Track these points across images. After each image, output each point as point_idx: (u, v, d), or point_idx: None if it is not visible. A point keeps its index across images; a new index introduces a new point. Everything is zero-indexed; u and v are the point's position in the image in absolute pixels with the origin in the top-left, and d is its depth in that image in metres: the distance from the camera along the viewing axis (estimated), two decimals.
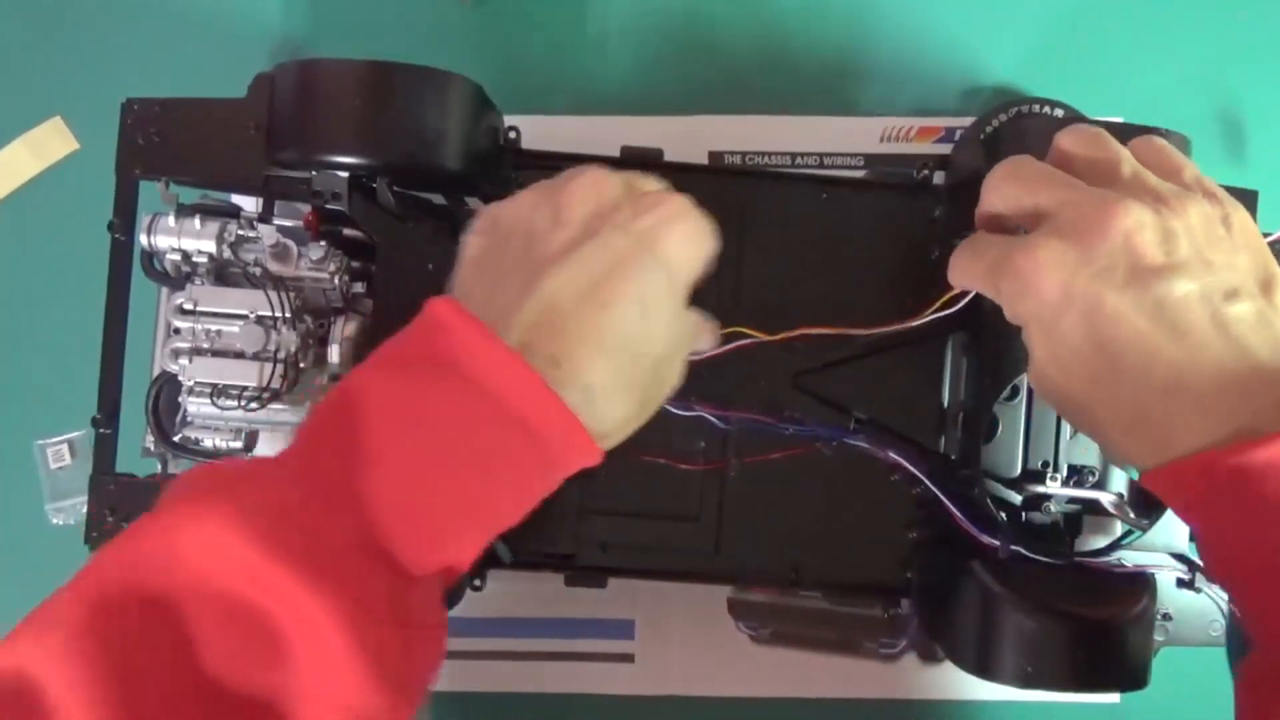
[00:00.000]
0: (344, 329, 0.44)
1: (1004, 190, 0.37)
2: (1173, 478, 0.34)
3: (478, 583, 0.46)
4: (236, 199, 0.48)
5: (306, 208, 0.44)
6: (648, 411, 0.36)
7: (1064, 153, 0.37)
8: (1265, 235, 0.37)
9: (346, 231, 0.45)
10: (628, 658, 0.53)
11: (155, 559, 0.29)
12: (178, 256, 0.43)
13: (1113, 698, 0.51)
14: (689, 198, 0.36)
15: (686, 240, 0.35)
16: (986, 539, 0.43)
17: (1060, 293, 0.33)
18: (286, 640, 0.29)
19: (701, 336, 0.40)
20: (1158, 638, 0.46)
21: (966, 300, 0.41)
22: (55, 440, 0.54)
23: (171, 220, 0.43)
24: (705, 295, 0.46)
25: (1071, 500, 0.45)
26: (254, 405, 0.42)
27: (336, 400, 0.33)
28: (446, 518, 0.32)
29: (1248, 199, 0.44)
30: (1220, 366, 0.32)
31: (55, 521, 0.53)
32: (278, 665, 0.29)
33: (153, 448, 0.45)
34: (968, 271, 0.38)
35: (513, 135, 0.47)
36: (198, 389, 0.42)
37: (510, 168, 0.47)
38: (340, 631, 0.29)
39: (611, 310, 0.33)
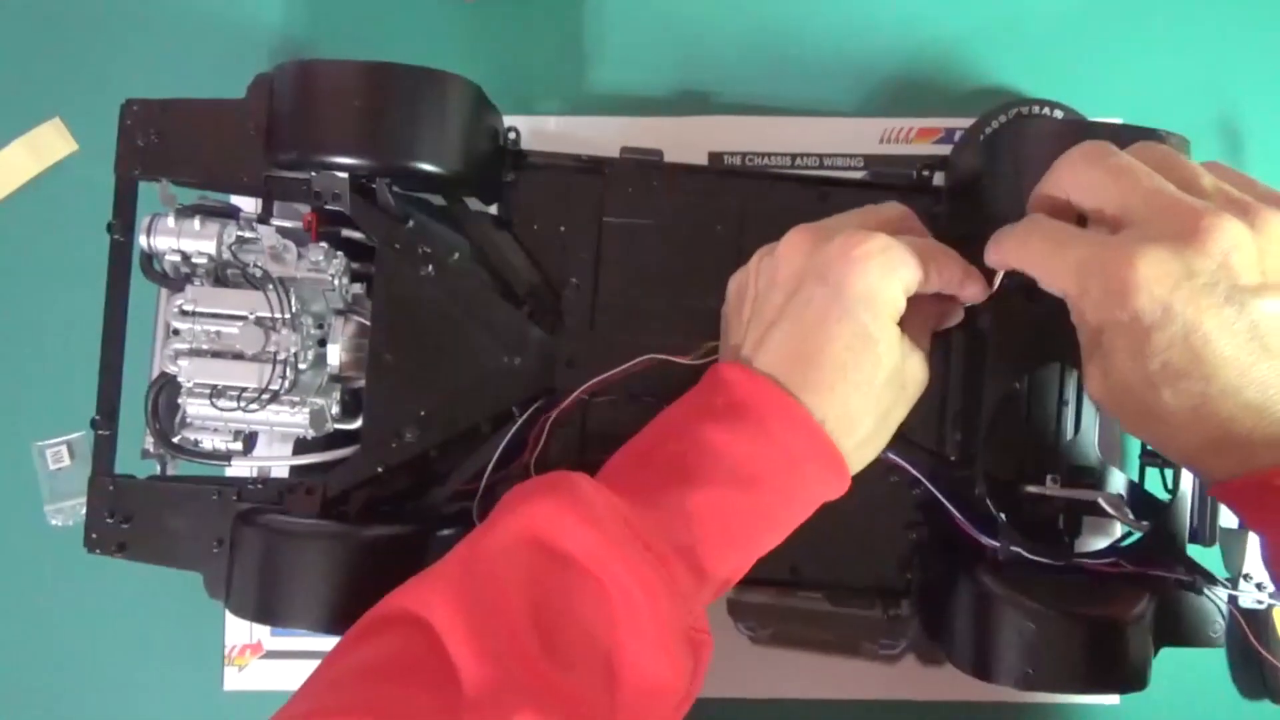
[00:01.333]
0: (344, 330, 0.44)
1: (1085, 176, 0.36)
2: (1249, 491, 0.34)
3: None
4: (236, 200, 0.48)
5: (306, 209, 0.44)
6: (892, 423, 0.40)
7: (1145, 157, 0.36)
8: None
9: (346, 232, 0.45)
10: None
11: (512, 531, 0.36)
12: (177, 257, 0.43)
13: (1112, 699, 0.51)
14: (882, 236, 0.38)
15: (879, 273, 0.37)
16: (986, 540, 0.43)
17: (1159, 307, 0.33)
18: (614, 611, 0.35)
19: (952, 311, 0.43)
20: None
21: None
22: (54, 441, 0.54)
23: (171, 221, 0.43)
24: (706, 296, 0.47)
25: (1071, 501, 0.45)
26: (253, 406, 0.42)
27: (654, 433, 0.40)
28: (740, 531, 0.38)
29: None
30: None
31: (54, 523, 0.53)
32: (608, 631, 0.35)
33: (152, 449, 0.45)
34: (1046, 262, 0.36)
35: (512, 136, 0.47)
36: (197, 390, 0.42)
37: (510, 168, 0.47)
38: (656, 613, 0.35)
39: (824, 353, 0.37)
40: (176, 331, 0.43)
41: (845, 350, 0.37)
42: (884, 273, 0.38)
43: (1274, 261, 0.33)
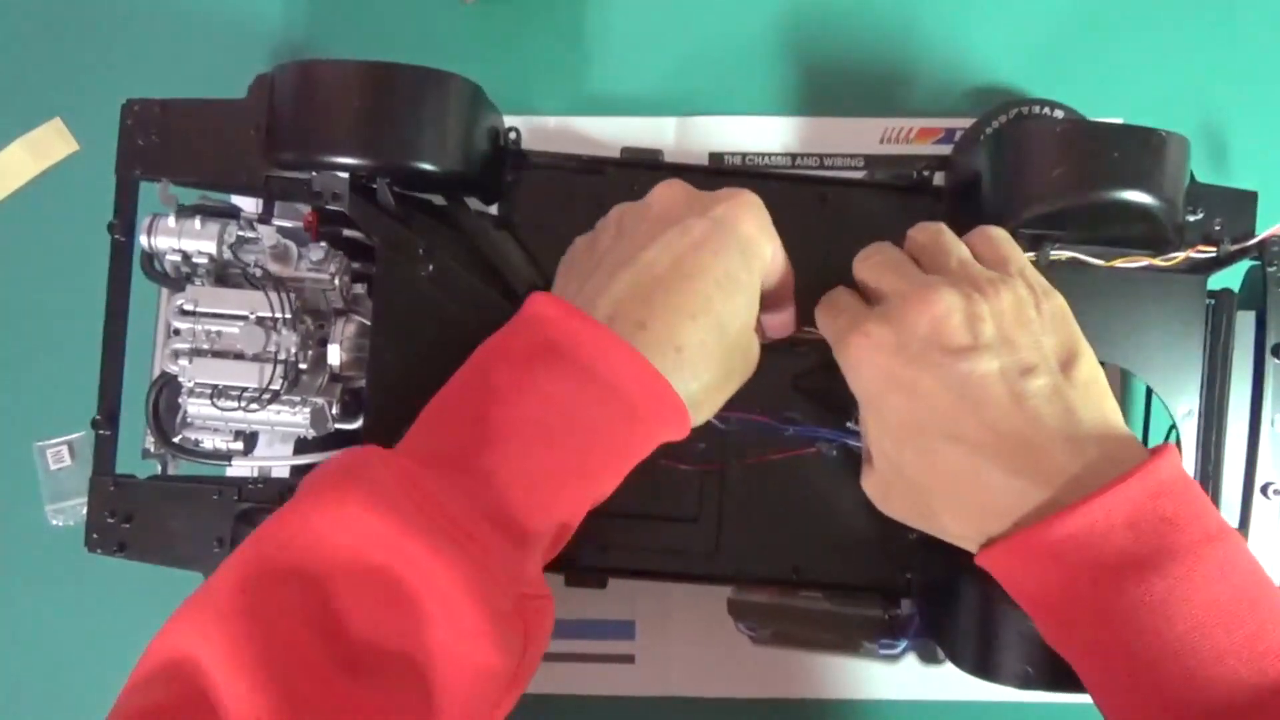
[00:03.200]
0: (344, 330, 0.44)
1: (861, 271, 0.41)
2: (996, 559, 0.36)
3: None
4: (236, 200, 0.48)
5: (306, 208, 0.44)
6: (731, 386, 0.39)
7: (911, 241, 0.41)
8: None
9: (346, 232, 0.45)
10: (628, 658, 0.53)
11: (296, 539, 0.33)
12: (178, 257, 0.43)
13: None
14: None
15: (760, 226, 0.39)
16: None
17: (883, 374, 0.37)
18: (421, 606, 0.32)
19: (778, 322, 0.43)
20: None
21: None
22: (55, 442, 0.54)
23: (171, 221, 0.43)
24: None
25: None
26: (254, 406, 0.42)
27: (453, 389, 0.37)
28: (557, 482, 0.35)
29: (1247, 200, 0.45)
30: (1018, 435, 0.35)
31: (55, 523, 0.53)
32: (415, 630, 0.32)
33: (153, 449, 0.45)
34: (822, 329, 0.41)
35: (513, 135, 0.47)
36: (198, 390, 0.42)
37: (510, 168, 0.47)
38: (469, 596, 0.32)
39: (694, 280, 0.36)
40: (177, 331, 0.43)
41: (714, 285, 0.36)
42: (762, 227, 0.39)
43: (988, 327, 0.36)
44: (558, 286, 0.40)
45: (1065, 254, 0.43)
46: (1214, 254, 0.43)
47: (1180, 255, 0.43)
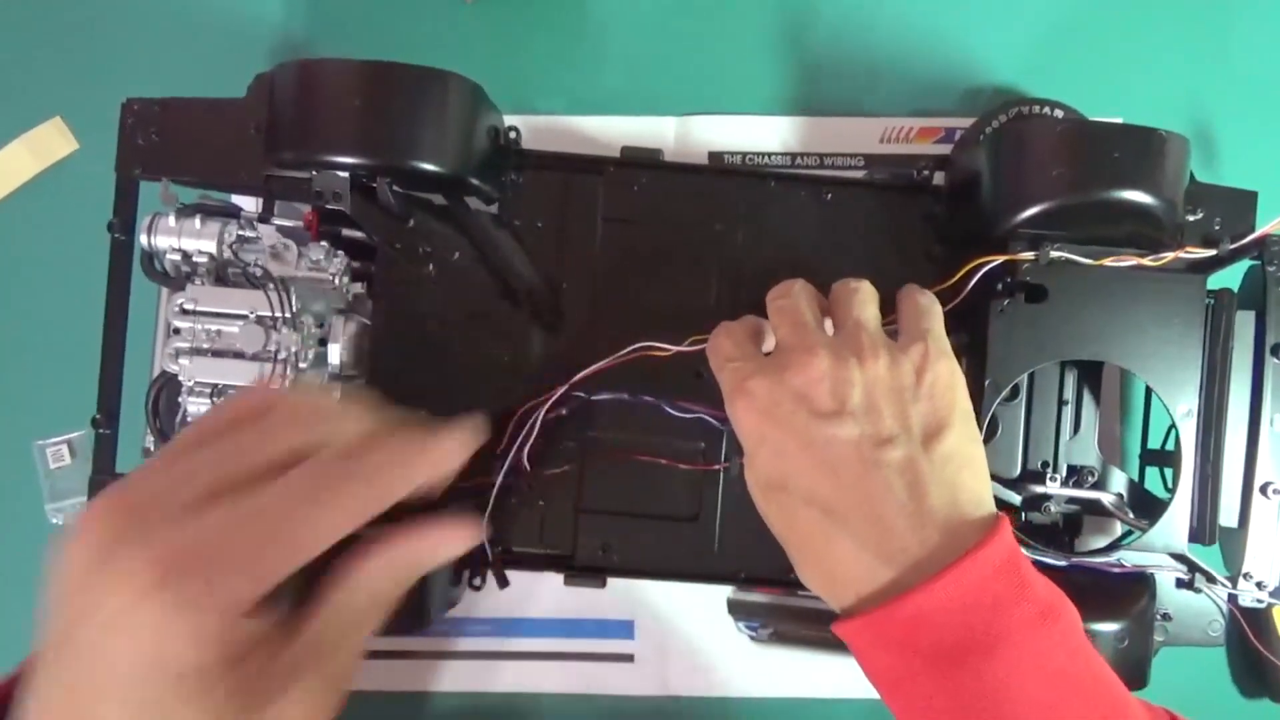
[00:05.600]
0: (344, 329, 0.44)
1: (769, 308, 0.41)
2: (846, 632, 0.37)
3: (478, 582, 0.47)
4: (237, 199, 0.48)
5: (306, 208, 0.44)
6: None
7: (832, 291, 0.41)
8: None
9: (346, 232, 0.45)
10: (628, 658, 0.53)
11: None
12: (178, 257, 0.43)
13: None
14: None
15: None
16: None
17: (756, 428, 0.37)
18: None
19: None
20: (1157, 638, 0.46)
21: (960, 300, 0.42)
22: (55, 440, 0.54)
23: (171, 220, 0.43)
24: (705, 295, 0.47)
25: (1071, 500, 0.45)
26: None
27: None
28: None
29: (1247, 200, 0.45)
30: (868, 507, 0.35)
31: (55, 522, 0.53)
32: None
33: (153, 448, 0.45)
34: (718, 374, 0.40)
35: (513, 135, 0.47)
36: (198, 389, 0.42)
37: (511, 168, 0.47)
38: None
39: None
40: (177, 330, 0.43)
41: None
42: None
43: (855, 394, 0.36)
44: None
45: (1064, 254, 0.43)
46: (1209, 254, 0.43)
47: (1169, 255, 0.43)
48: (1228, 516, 0.44)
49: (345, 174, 0.42)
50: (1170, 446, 0.47)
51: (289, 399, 0.33)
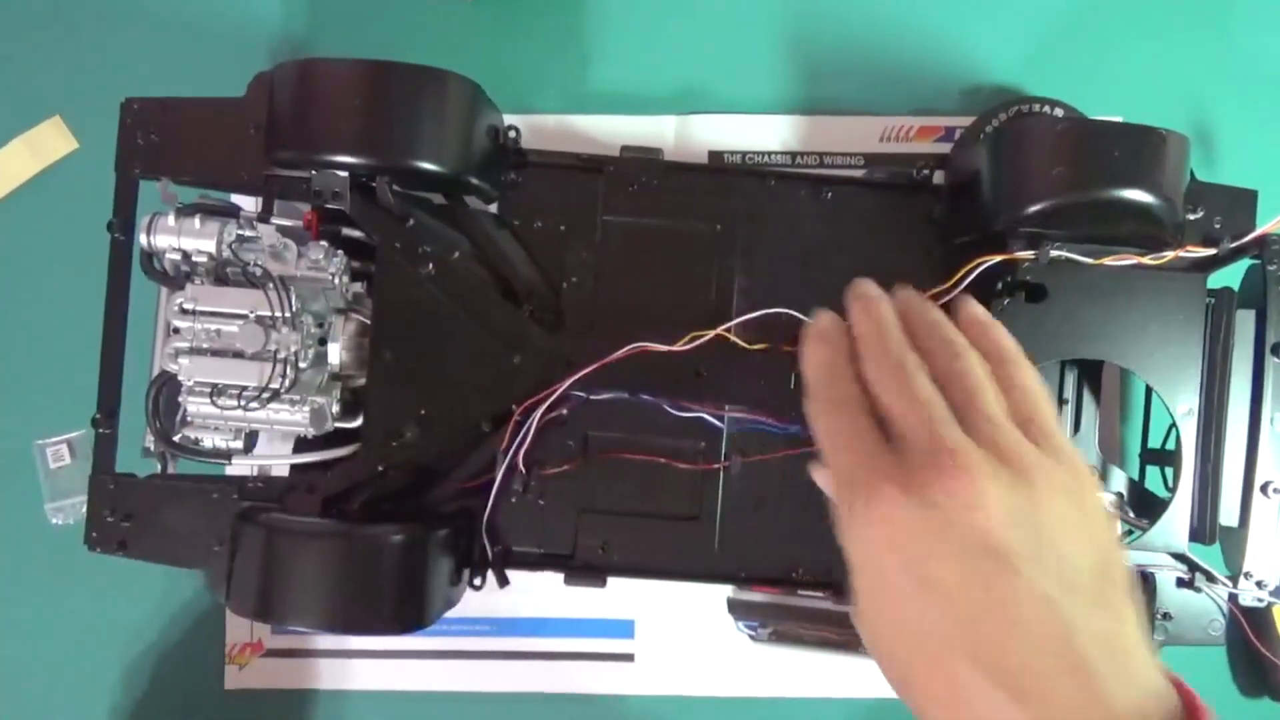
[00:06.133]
0: (344, 328, 0.44)
1: (864, 357, 0.34)
2: None
3: (478, 582, 0.47)
4: (236, 199, 0.48)
5: (306, 207, 0.44)
6: None
7: (934, 351, 0.34)
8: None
9: (346, 231, 0.45)
10: (628, 658, 0.53)
11: None
12: (177, 256, 0.43)
13: None
14: None
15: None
16: None
17: (898, 566, 0.31)
18: None
19: None
20: (1157, 637, 0.46)
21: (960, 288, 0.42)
22: (55, 440, 0.54)
23: (171, 220, 0.43)
24: (706, 294, 0.47)
25: None
26: (254, 405, 0.42)
27: None
28: None
29: (1247, 198, 0.45)
30: (1040, 654, 0.29)
31: (55, 521, 0.53)
32: None
33: (152, 448, 0.45)
34: (825, 453, 0.35)
35: (512, 134, 0.47)
36: (198, 389, 0.42)
37: (510, 167, 0.47)
38: None
39: None
40: (177, 330, 0.43)
41: None
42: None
43: (1031, 532, 0.30)
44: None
45: (1064, 253, 0.43)
46: (1209, 253, 0.43)
47: (1169, 254, 0.43)
48: (1228, 516, 0.44)
49: (345, 173, 0.42)
50: (1170, 446, 0.47)
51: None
